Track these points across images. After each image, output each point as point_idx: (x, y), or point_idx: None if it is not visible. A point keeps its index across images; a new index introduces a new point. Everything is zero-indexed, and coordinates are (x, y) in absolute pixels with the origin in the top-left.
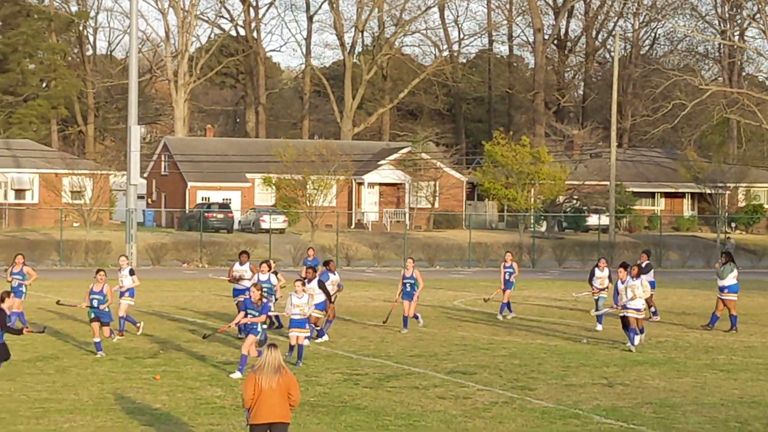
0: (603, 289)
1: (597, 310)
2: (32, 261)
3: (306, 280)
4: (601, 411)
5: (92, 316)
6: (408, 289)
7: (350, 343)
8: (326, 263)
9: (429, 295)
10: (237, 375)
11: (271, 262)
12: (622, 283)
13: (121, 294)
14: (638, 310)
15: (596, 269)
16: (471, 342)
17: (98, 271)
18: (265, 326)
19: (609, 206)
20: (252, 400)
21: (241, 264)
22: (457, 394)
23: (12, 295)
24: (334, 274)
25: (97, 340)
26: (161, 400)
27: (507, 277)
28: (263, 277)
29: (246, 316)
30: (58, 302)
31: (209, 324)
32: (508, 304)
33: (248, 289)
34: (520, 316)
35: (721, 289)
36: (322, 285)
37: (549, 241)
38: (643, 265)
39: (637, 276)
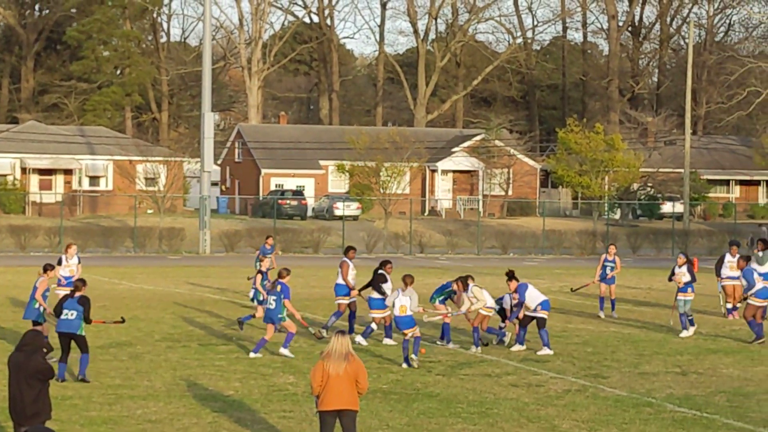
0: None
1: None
2: (106, 248)
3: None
4: (675, 399)
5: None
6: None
7: (423, 330)
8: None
9: (501, 282)
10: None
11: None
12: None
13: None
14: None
15: (727, 254)
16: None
17: None
18: None
19: (683, 194)
20: (320, 387)
21: (350, 260)
22: (529, 381)
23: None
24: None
25: None
26: (234, 386)
27: (608, 271)
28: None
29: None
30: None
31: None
32: (612, 302)
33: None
34: (594, 303)
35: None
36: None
37: (623, 229)
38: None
39: None
